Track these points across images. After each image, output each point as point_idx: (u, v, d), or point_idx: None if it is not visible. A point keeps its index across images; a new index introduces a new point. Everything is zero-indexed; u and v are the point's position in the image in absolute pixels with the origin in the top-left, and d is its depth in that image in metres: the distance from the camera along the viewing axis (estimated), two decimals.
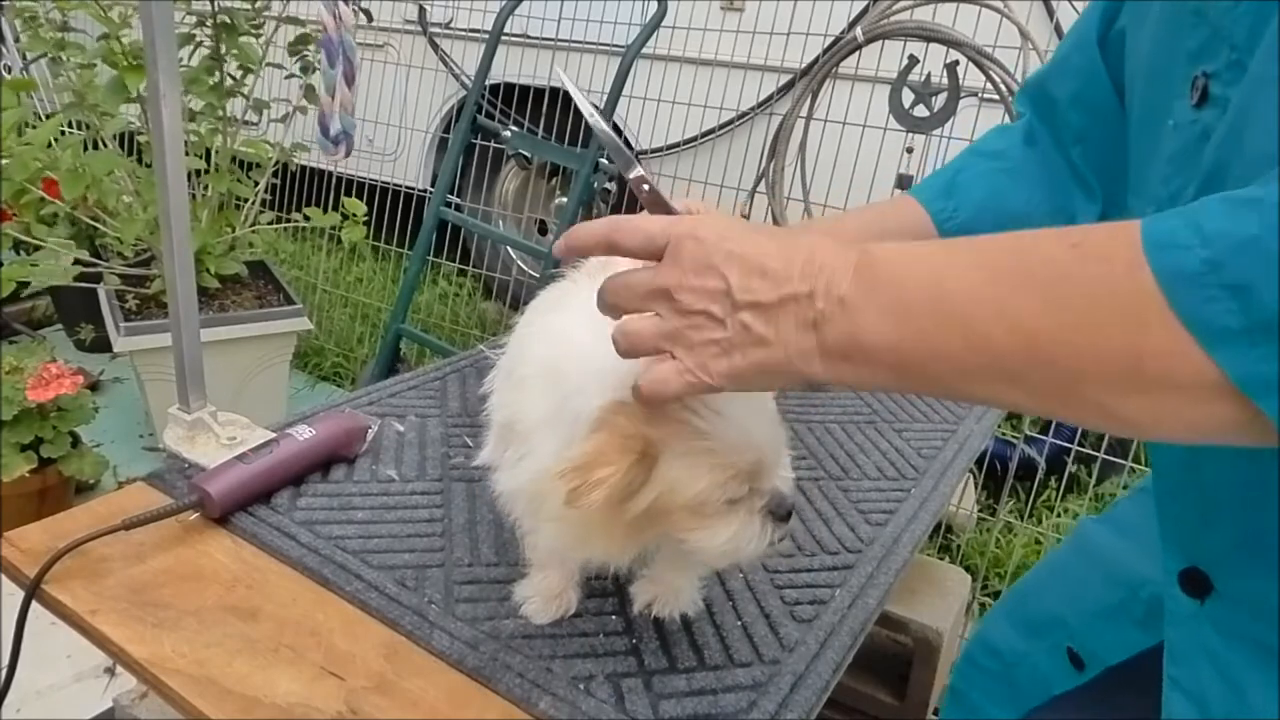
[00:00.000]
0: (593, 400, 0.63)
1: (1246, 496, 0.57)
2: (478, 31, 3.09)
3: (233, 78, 2.43)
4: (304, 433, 0.95)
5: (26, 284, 2.28)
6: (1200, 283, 0.39)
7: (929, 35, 2.06)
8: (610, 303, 0.58)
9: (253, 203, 2.58)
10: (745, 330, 0.51)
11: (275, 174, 2.67)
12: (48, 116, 2.46)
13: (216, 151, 2.45)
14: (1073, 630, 0.84)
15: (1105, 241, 0.43)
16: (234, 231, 2.50)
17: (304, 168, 3.23)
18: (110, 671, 1.69)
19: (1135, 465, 2.02)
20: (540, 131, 3.00)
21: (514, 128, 2.65)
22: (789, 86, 2.51)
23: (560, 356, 0.69)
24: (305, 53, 2.48)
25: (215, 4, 2.30)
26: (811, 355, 0.50)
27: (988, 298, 0.45)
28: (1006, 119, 2.01)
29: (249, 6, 2.41)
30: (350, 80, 2.35)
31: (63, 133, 2.35)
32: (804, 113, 2.32)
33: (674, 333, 0.54)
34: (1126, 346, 0.41)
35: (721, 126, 2.71)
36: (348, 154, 2.48)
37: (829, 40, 2.37)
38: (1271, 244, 0.38)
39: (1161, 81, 0.59)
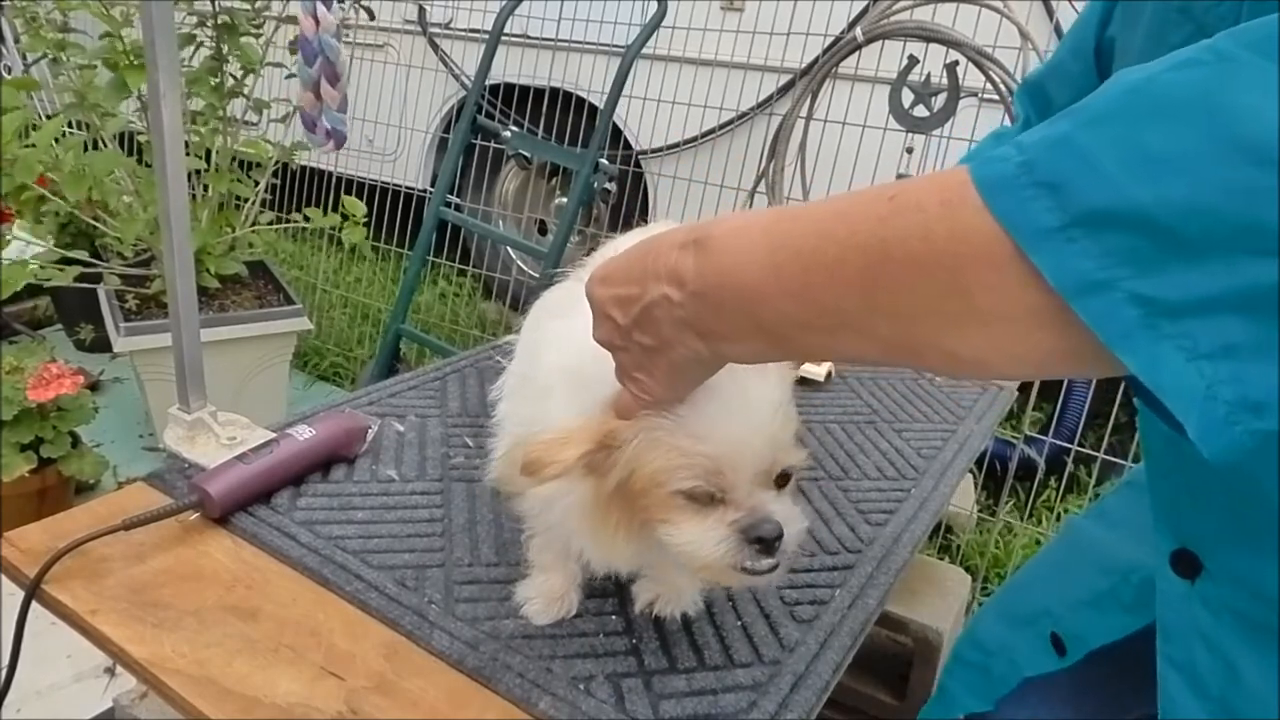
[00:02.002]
0: (608, 388, 0.64)
1: (1232, 477, 0.57)
2: (478, 31, 3.09)
3: (234, 78, 2.44)
4: (304, 433, 0.95)
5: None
6: (1016, 184, 0.39)
7: (929, 35, 2.06)
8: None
9: (253, 203, 2.58)
10: (641, 347, 0.57)
11: (275, 174, 2.67)
12: (48, 117, 2.46)
13: (216, 151, 2.45)
14: (1058, 617, 0.85)
15: (921, 188, 0.43)
16: (234, 231, 2.50)
17: (304, 168, 3.24)
18: (110, 671, 1.69)
19: (1135, 465, 2.02)
20: (540, 131, 3.00)
21: (514, 128, 2.65)
22: (789, 86, 2.51)
23: (582, 363, 0.68)
24: None
25: (216, 4, 2.30)
26: (700, 346, 0.53)
27: (819, 264, 0.46)
28: (1006, 119, 2.01)
29: (249, 7, 2.41)
30: (334, 80, 2.35)
31: (64, 133, 2.35)
32: (804, 113, 2.32)
33: (619, 368, 0.61)
34: (953, 284, 0.41)
35: (721, 126, 2.71)
36: (338, 147, 2.48)
37: (829, 40, 2.37)
38: (1084, 140, 0.38)
39: None
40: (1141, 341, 0.37)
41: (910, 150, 2.23)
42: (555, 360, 0.73)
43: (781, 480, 0.66)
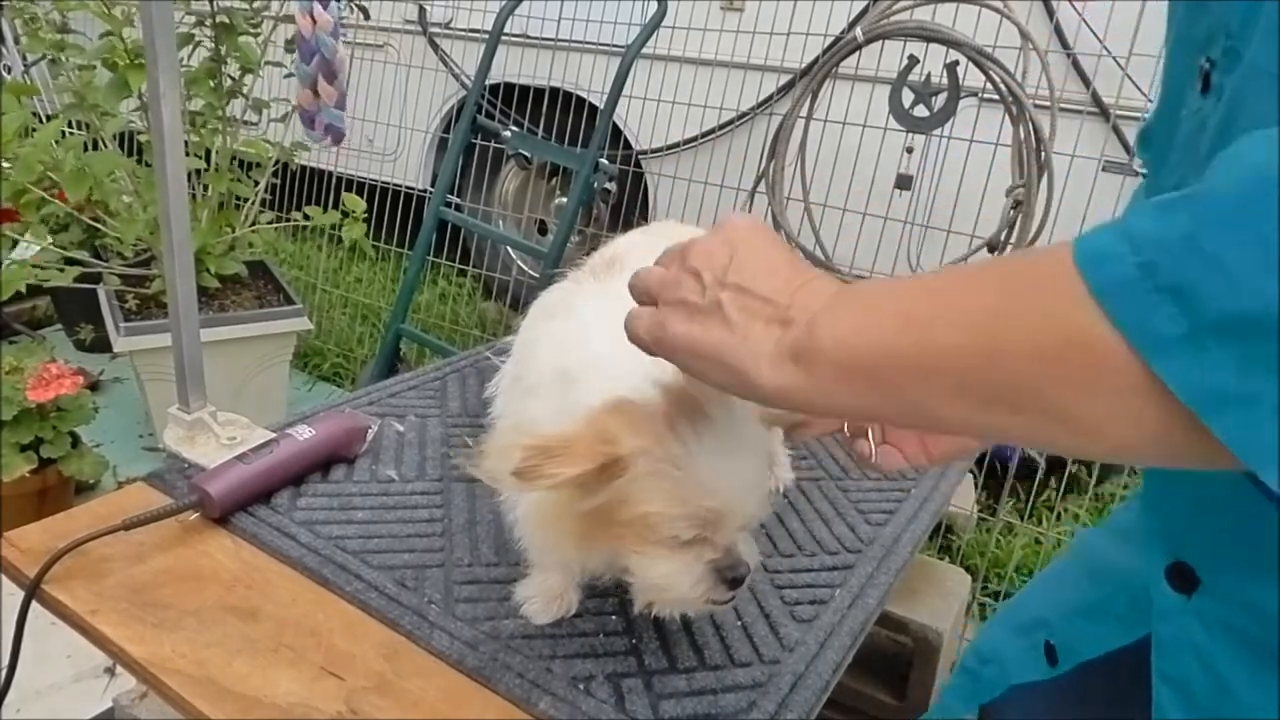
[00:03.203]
0: (599, 396, 0.63)
1: (1235, 494, 0.57)
2: (478, 31, 3.09)
3: (232, 78, 2.44)
4: (304, 433, 0.95)
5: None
6: (1137, 290, 0.37)
7: (929, 35, 2.06)
8: (656, 262, 0.59)
9: (252, 202, 2.58)
10: (718, 306, 0.51)
11: (275, 174, 2.67)
12: (48, 118, 2.46)
13: (216, 151, 2.45)
14: (1054, 628, 0.84)
15: (1028, 280, 0.42)
16: (234, 231, 2.50)
17: (304, 167, 3.23)
18: (110, 671, 1.69)
19: (1135, 466, 2.02)
20: (540, 131, 3.00)
21: (514, 128, 2.65)
22: (789, 86, 2.51)
23: (571, 364, 0.69)
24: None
25: (215, 4, 2.30)
26: (763, 355, 0.49)
27: (941, 303, 0.45)
28: (1006, 119, 2.01)
29: (248, 6, 2.41)
30: (330, 77, 2.37)
31: (63, 134, 2.35)
32: (804, 113, 2.32)
33: (666, 280, 0.55)
34: (1068, 392, 0.40)
35: (721, 126, 2.71)
36: (336, 143, 2.50)
37: (829, 40, 2.37)
38: (1208, 240, 0.36)
39: (1178, 72, 0.59)
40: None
41: (910, 150, 2.23)
42: (545, 360, 0.74)
43: None
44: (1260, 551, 0.56)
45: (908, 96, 2.12)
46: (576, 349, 0.69)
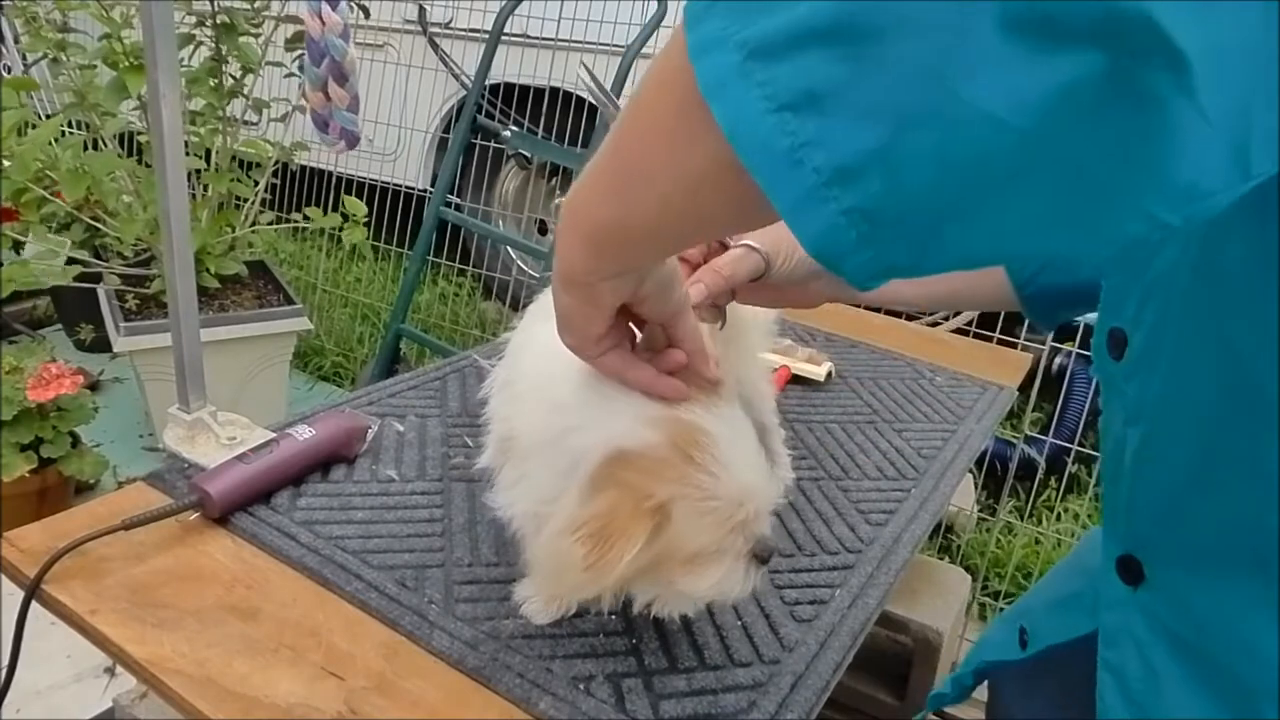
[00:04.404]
0: (591, 440, 0.63)
1: (1168, 493, 0.58)
2: (478, 31, 3.09)
3: (233, 77, 2.44)
4: (304, 433, 0.95)
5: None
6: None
7: None
8: None
9: (252, 203, 2.58)
10: None
11: (275, 174, 2.67)
12: (48, 117, 2.46)
13: (216, 151, 2.45)
14: (1033, 616, 0.85)
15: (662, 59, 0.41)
16: (234, 231, 2.50)
17: (304, 167, 3.23)
18: (110, 671, 1.69)
19: None
20: (540, 131, 3.00)
21: (514, 128, 2.65)
22: None
23: (553, 375, 0.68)
24: (302, 50, 2.48)
25: (215, 4, 2.30)
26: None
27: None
28: None
29: (249, 6, 2.41)
30: (341, 80, 2.35)
31: (63, 133, 2.35)
32: None
33: None
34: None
35: None
36: (351, 146, 2.47)
37: None
38: None
39: None
40: (732, 90, 0.32)
41: None
42: (531, 367, 0.74)
43: None
44: (1195, 553, 0.57)
45: None
46: (558, 361, 0.69)
